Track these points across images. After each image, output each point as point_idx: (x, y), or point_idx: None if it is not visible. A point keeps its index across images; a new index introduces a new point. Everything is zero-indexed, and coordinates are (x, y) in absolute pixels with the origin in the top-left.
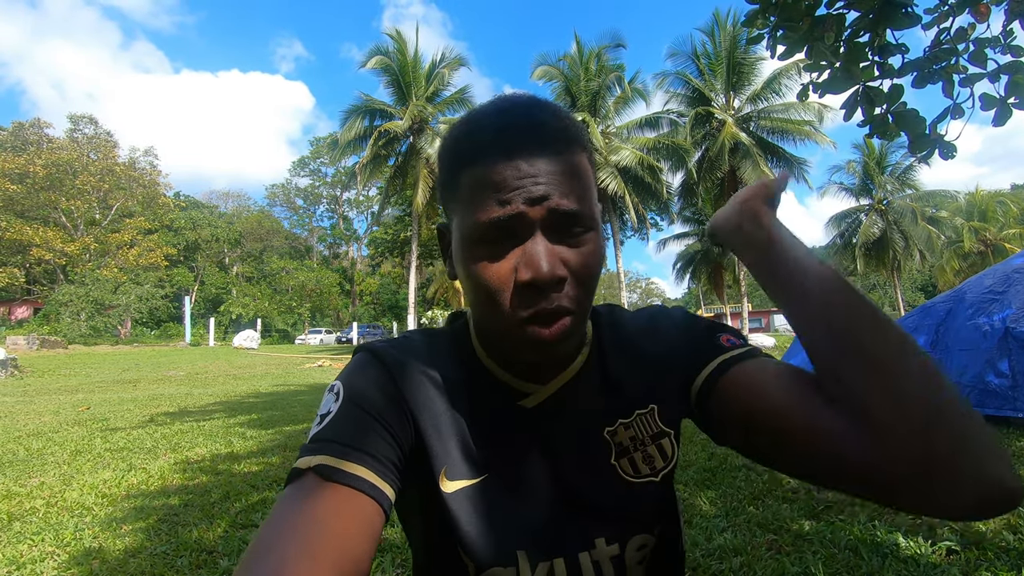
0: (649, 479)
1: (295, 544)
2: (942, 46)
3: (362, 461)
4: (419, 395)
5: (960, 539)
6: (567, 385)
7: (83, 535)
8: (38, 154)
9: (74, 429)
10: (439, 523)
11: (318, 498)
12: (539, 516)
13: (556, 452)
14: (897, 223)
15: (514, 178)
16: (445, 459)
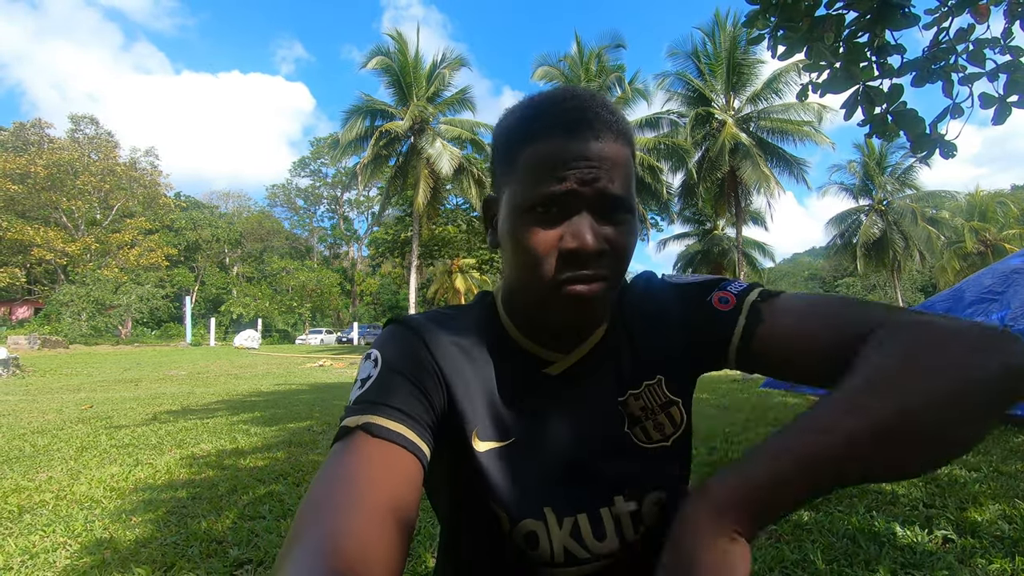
0: (661, 444)
1: (347, 495)
2: (941, 46)
3: (402, 420)
4: (449, 361)
5: (956, 528)
6: (588, 355)
7: (93, 526)
8: (39, 154)
9: (78, 427)
10: (472, 481)
11: (365, 453)
12: (561, 477)
13: (578, 418)
14: (897, 223)
15: (571, 159)
16: (476, 421)
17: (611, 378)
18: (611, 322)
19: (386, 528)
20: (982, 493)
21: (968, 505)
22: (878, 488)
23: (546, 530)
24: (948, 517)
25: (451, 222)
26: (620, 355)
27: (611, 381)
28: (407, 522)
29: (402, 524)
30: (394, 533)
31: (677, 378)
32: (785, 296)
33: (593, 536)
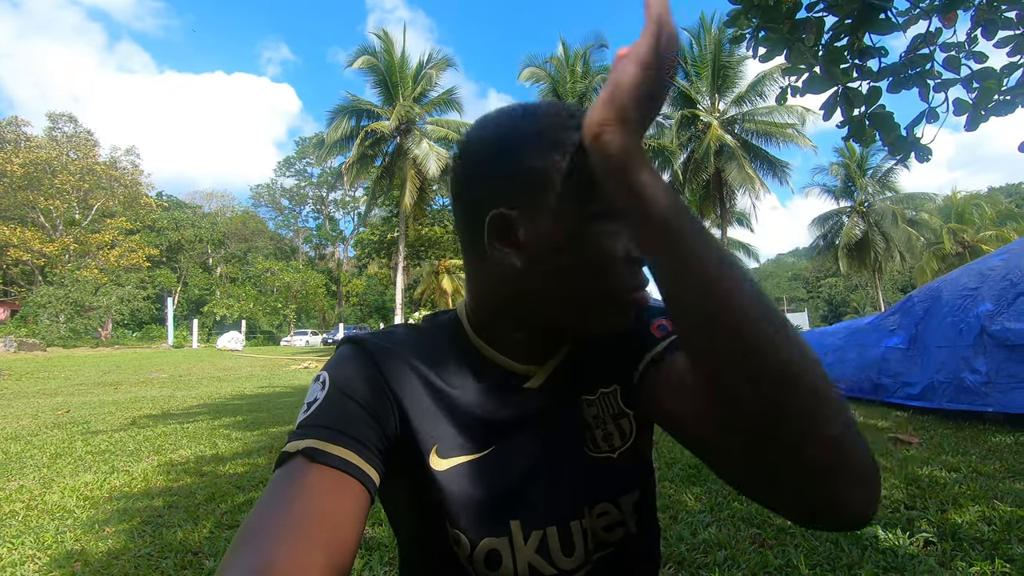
0: (607, 455)
1: (286, 523)
2: (918, 51)
3: (348, 444)
4: (404, 382)
5: (937, 530)
6: (560, 364)
7: (64, 538)
8: (15, 152)
9: (53, 432)
10: (431, 505)
11: (306, 479)
12: (534, 488)
13: (549, 428)
14: (878, 225)
15: None
16: (436, 439)
17: (577, 384)
18: None
19: (322, 557)
20: (962, 495)
21: (948, 507)
22: None
23: (510, 547)
24: (929, 519)
25: (438, 223)
26: (582, 358)
27: (577, 387)
28: (346, 550)
29: (340, 552)
30: (330, 562)
31: (629, 390)
32: None
33: (561, 551)
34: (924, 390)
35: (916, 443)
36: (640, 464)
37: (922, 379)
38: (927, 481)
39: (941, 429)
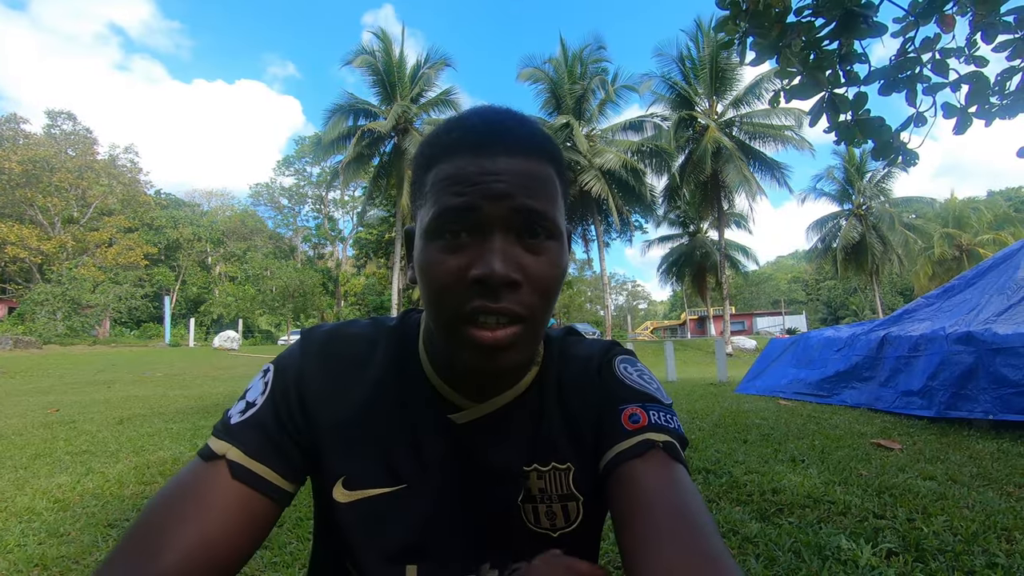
0: (546, 532)
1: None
2: (908, 55)
3: (272, 463)
4: (329, 403)
5: (902, 540)
6: (503, 409)
7: (28, 541)
8: (14, 150)
9: (38, 431)
10: (331, 532)
11: (221, 493)
12: (442, 532)
13: (473, 474)
14: (876, 228)
15: (476, 174)
16: (346, 469)
17: (523, 441)
18: (540, 376)
19: (204, 565)
20: (932, 503)
21: (917, 516)
22: (831, 498)
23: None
24: (896, 529)
25: None
26: (542, 419)
27: (522, 445)
28: (238, 563)
29: (230, 566)
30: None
31: (588, 473)
32: (680, 469)
33: None
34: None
35: (898, 449)
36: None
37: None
38: (901, 489)
39: (926, 435)
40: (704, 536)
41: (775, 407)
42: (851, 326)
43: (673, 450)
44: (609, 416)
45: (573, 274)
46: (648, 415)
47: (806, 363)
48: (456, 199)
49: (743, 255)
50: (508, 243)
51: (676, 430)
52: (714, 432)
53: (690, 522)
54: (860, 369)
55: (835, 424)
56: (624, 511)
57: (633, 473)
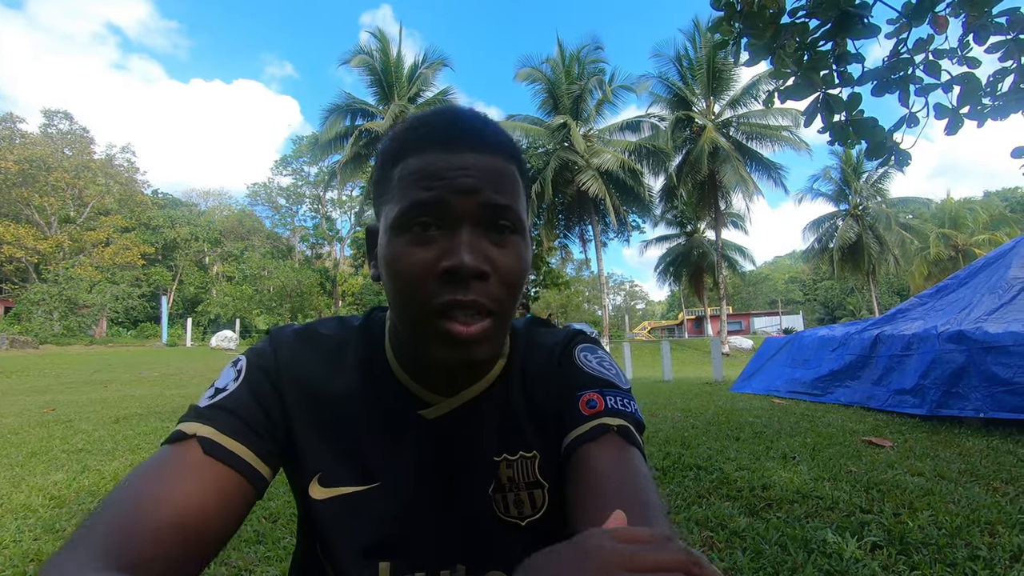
0: (514, 521)
1: (161, 517)
2: (900, 56)
3: (245, 439)
4: (302, 399)
5: (887, 534)
6: (472, 402)
7: (23, 538)
8: (10, 149)
9: (35, 430)
10: (308, 526)
11: (193, 470)
12: (414, 529)
13: (446, 469)
14: (872, 228)
15: (444, 169)
16: (322, 465)
17: (492, 432)
18: (506, 368)
19: (178, 546)
20: (919, 498)
21: (903, 511)
22: (819, 493)
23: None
24: (882, 523)
25: None
26: (508, 411)
27: (491, 436)
28: (214, 544)
29: (206, 546)
30: (192, 556)
31: (552, 461)
32: (633, 452)
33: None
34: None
35: (888, 446)
36: (549, 539)
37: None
38: (889, 485)
39: (917, 433)
40: (652, 517)
41: (769, 406)
42: (845, 325)
43: (628, 433)
44: (568, 403)
45: (571, 274)
46: (605, 400)
47: (800, 362)
48: (425, 193)
49: (740, 255)
50: (476, 236)
51: (633, 414)
52: (707, 430)
53: (639, 503)
54: (854, 368)
55: (828, 422)
56: (576, 493)
57: (587, 456)
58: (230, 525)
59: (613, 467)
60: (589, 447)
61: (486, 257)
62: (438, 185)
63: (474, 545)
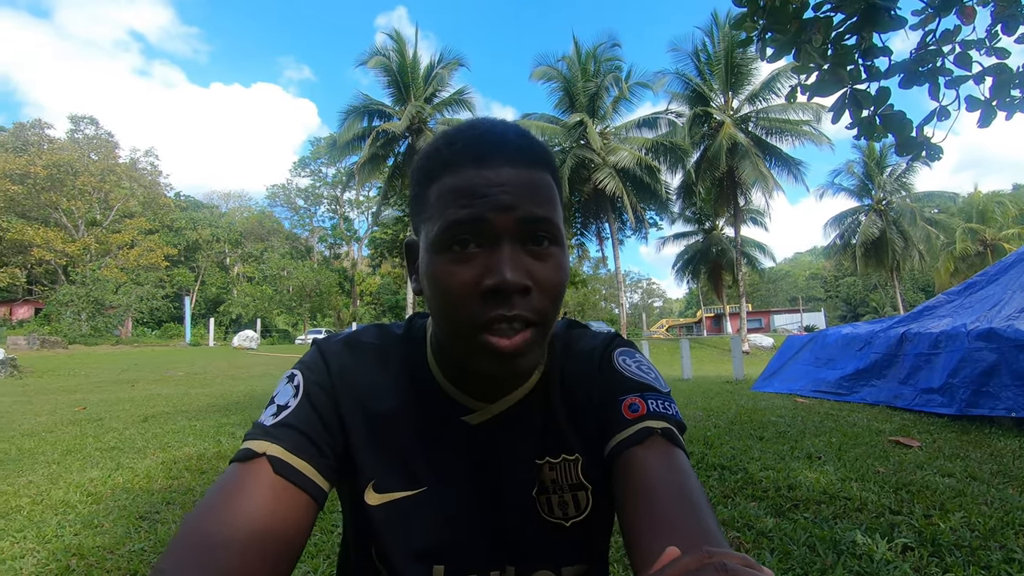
0: (559, 522)
1: (237, 536)
2: (928, 48)
3: (310, 458)
4: (356, 408)
5: (918, 535)
6: (514, 407)
7: (64, 532)
8: (39, 155)
9: (68, 428)
10: (362, 535)
11: (265, 491)
12: (464, 532)
13: (491, 473)
14: (896, 223)
15: (482, 186)
16: (375, 472)
17: (535, 436)
18: (546, 373)
19: (261, 564)
20: (950, 499)
21: (934, 512)
22: (847, 494)
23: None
24: (912, 524)
25: None
26: (550, 414)
27: (533, 440)
28: (290, 563)
29: (283, 563)
30: (269, 568)
31: (595, 463)
32: (678, 454)
33: None
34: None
35: (916, 446)
36: (593, 539)
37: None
38: (918, 485)
39: (946, 432)
40: (701, 516)
41: (792, 405)
42: (869, 323)
43: (671, 436)
44: (610, 407)
45: (587, 272)
46: (647, 404)
47: (824, 361)
48: (463, 211)
49: (760, 252)
50: (516, 251)
51: (674, 416)
52: (730, 429)
53: (688, 503)
54: (879, 367)
55: (853, 422)
56: (626, 495)
57: (634, 459)
58: (301, 541)
59: (661, 470)
60: (635, 451)
61: (527, 271)
62: (476, 203)
63: (522, 547)
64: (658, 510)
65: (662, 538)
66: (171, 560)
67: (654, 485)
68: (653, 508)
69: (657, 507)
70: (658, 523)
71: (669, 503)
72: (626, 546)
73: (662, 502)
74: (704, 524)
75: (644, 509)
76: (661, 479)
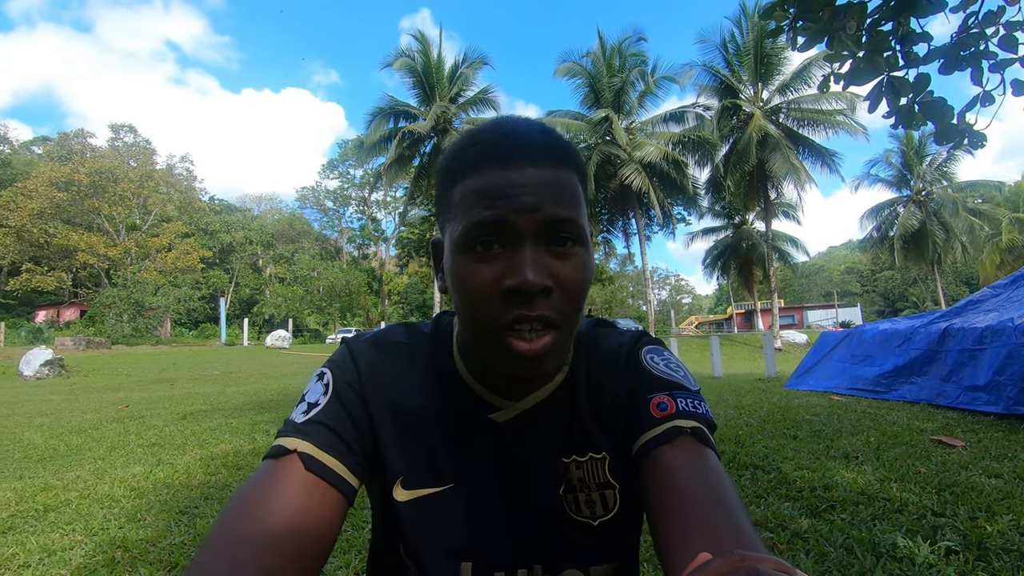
0: (587, 521)
1: (269, 534)
2: (970, 31)
3: (340, 455)
4: (384, 406)
5: (963, 539)
6: (540, 405)
7: (110, 525)
8: (82, 163)
9: (112, 426)
10: (391, 530)
11: (296, 487)
12: (491, 530)
13: (517, 470)
14: (937, 214)
15: (505, 187)
16: (403, 469)
17: (561, 434)
18: (572, 371)
19: (295, 557)
20: (997, 502)
21: (980, 515)
22: (886, 495)
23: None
24: (957, 527)
25: None
26: (577, 412)
27: (559, 438)
28: (320, 559)
29: (314, 560)
30: (303, 562)
31: (622, 462)
32: (709, 453)
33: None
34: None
35: (960, 446)
36: (622, 538)
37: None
38: (963, 487)
39: (992, 432)
40: (734, 517)
41: (827, 403)
42: (909, 318)
43: (701, 435)
44: (638, 406)
45: (614, 269)
46: (676, 402)
47: (861, 357)
48: (485, 213)
49: (792, 246)
50: (538, 252)
51: (704, 415)
52: (762, 428)
53: (720, 504)
54: (920, 363)
55: (892, 420)
56: (655, 496)
57: (663, 459)
58: (331, 537)
59: (690, 470)
60: (664, 450)
61: (549, 272)
62: (499, 204)
63: (549, 545)
64: (688, 511)
65: (693, 539)
66: (208, 554)
67: (683, 485)
68: (683, 509)
69: (687, 508)
70: (688, 524)
71: (699, 504)
72: (656, 547)
73: (692, 502)
74: (736, 525)
75: (673, 509)
76: (691, 479)
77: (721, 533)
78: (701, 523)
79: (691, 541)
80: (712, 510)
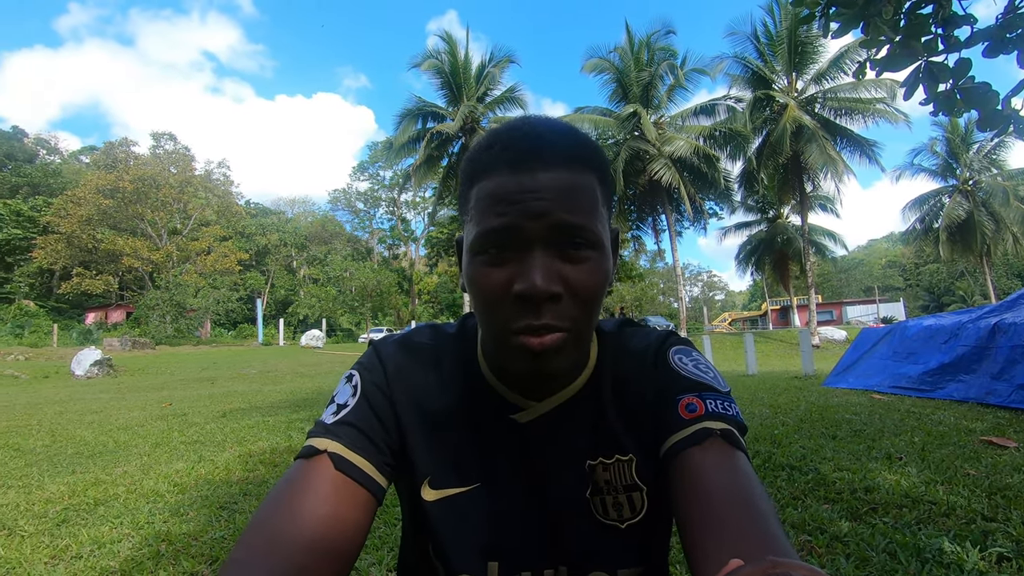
0: (614, 523)
1: (303, 532)
2: (1017, 11)
3: (369, 456)
4: (411, 407)
5: (1016, 545)
6: (563, 406)
7: (155, 519)
8: (126, 170)
9: (157, 423)
10: (419, 530)
11: (327, 486)
12: (518, 529)
13: (541, 471)
14: (986, 204)
15: (516, 192)
16: (431, 469)
17: (586, 436)
18: (597, 372)
19: (330, 566)
20: None
21: None
22: (932, 498)
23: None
24: (1009, 533)
25: None
26: (601, 413)
27: (585, 439)
28: (351, 557)
29: (345, 559)
30: (335, 570)
31: (650, 464)
32: (739, 456)
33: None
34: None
35: (1012, 447)
36: (650, 541)
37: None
38: (1016, 490)
39: None
40: (764, 521)
41: (868, 401)
42: (956, 313)
43: (732, 437)
44: (666, 407)
45: (644, 266)
46: (705, 404)
47: (904, 354)
48: (497, 219)
49: (830, 240)
50: (548, 257)
51: (735, 417)
52: (799, 427)
53: (750, 508)
54: (968, 360)
55: (938, 420)
56: (684, 499)
57: (692, 461)
58: (362, 534)
59: (720, 473)
60: (693, 452)
61: (559, 277)
62: (510, 210)
63: (576, 547)
64: (717, 514)
65: (722, 543)
66: (244, 551)
67: (712, 488)
68: (712, 512)
69: (716, 511)
70: (717, 528)
71: (729, 507)
72: (684, 551)
73: (721, 506)
74: (767, 530)
75: (702, 513)
76: (720, 482)
77: (751, 538)
78: (731, 527)
79: (720, 546)
80: (742, 514)
